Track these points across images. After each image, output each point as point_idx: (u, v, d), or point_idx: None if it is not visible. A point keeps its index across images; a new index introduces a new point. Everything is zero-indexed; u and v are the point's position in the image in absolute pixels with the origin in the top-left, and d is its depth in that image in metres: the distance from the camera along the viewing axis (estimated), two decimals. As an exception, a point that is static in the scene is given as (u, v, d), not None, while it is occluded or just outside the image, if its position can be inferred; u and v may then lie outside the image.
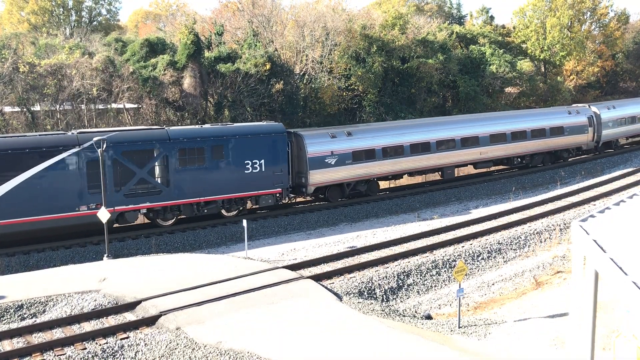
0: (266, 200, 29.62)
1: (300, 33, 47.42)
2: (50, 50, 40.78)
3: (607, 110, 46.20)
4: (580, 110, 44.36)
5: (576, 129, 43.23)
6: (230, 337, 15.31)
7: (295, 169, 31.17)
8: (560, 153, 43.31)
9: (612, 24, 71.50)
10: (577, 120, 43.50)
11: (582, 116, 43.91)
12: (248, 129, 29.65)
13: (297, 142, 31.04)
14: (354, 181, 32.84)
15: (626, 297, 8.64)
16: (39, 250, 25.22)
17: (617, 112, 47.25)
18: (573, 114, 43.50)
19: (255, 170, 28.98)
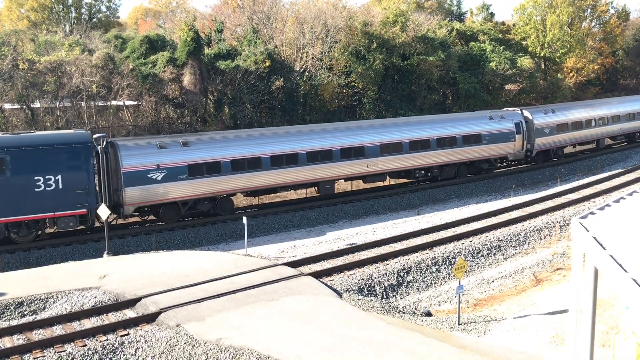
0: (66, 223, 25.02)
1: (300, 30, 47.37)
2: (50, 47, 40.75)
3: (542, 115, 41.11)
4: (507, 116, 39.34)
5: (499, 136, 37.91)
6: (230, 334, 15.33)
7: (112, 186, 26.77)
8: (479, 164, 38.10)
9: (612, 21, 71.44)
10: (501, 126, 38.27)
11: (508, 122, 38.77)
12: (39, 139, 25.08)
13: (114, 154, 26.53)
14: (193, 199, 28.24)
15: (626, 294, 8.65)
16: (39, 248, 25.23)
17: (556, 117, 41.89)
18: (496, 119, 38.39)
19: (49, 188, 24.46)
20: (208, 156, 28.13)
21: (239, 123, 42.80)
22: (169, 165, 27.08)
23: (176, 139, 28.64)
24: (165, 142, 27.79)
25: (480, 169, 38.49)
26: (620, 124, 48.02)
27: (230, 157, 28.63)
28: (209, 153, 28.25)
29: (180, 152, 27.57)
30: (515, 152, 39.41)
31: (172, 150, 27.46)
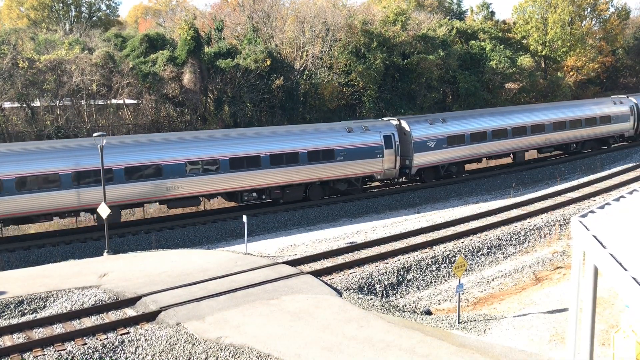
0: None
1: (300, 28, 47.36)
2: (50, 46, 40.74)
3: (426, 126, 35.17)
4: (373, 127, 33.53)
5: (360, 152, 32.34)
6: (230, 333, 15.34)
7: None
8: (334, 185, 32.66)
9: (613, 19, 71.40)
10: (364, 140, 32.49)
11: (374, 135, 32.95)
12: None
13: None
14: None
15: (625, 292, 8.66)
16: (39, 246, 25.25)
17: (447, 127, 36.00)
18: (357, 132, 32.58)
19: None
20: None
21: (239, 122, 42.81)
22: None
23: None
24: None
25: (337, 190, 32.88)
26: (546, 133, 41.62)
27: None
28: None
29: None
30: (384, 171, 33.45)
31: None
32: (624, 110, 47.56)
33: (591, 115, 44.94)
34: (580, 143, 45.29)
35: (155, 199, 27.61)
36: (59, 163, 25.00)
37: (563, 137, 43.31)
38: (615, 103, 47.11)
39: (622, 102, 47.43)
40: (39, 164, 24.71)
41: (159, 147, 27.53)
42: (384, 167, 33.50)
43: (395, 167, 33.97)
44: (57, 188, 24.94)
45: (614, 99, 48.44)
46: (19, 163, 24.39)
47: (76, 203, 25.40)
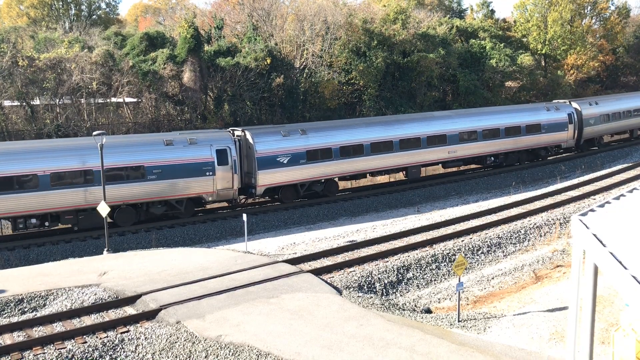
0: None
1: (300, 27, 47.33)
2: (50, 44, 40.70)
3: (273, 138, 30.20)
4: (202, 141, 28.45)
5: (188, 169, 27.67)
6: (230, 331, 15.34)
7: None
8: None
9: (613, 18, 71.36)
10: (191, 155, 27.86)
11: (203, 149, 28.19)
12: None
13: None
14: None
15: (625, 291, 8.65)
16: (39, 245, 25.25)
17: (296, 141, 30.70)
18: (179, 145, 27.85)
19: None
20: None
21: (238, 120, 42.79)
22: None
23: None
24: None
25: (153, 215, 28.18)
26: (450, 146, 36.43)
27: None
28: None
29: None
30: (218, 191, 28.48)
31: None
32: (560, 117, 42.04)
33: (514, 124, 39.17)
34: (500, 156, 39.47)
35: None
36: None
37: (474, 150, 37.53)
38: (548, 109, 41.73)
39: (558, 109, 42.20)
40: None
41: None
42: (216, 187, 28.33)
43: (233, 186, 28.77)
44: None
45: (549, 104, 43.13)
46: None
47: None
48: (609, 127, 47.47)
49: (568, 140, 43.24)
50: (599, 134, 46.88)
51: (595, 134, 46.24)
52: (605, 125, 46.59)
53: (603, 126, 46.45)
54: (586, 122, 44.18)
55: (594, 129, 45.48)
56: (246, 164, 30.02)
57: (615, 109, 47.53)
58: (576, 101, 45.23)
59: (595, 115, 45.15)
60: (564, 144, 43.34)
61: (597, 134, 46.42)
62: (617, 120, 47.99)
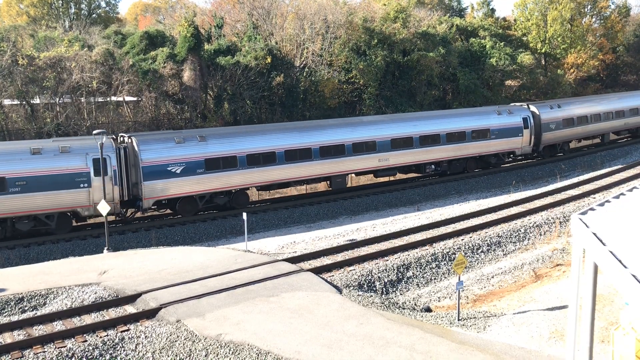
0: None
1: (300, 26, 47.31)
2: (50, 43, 40.71)
3: (164, 146, 27.71)
4: (76, 150, 25.93)
5: (58, 181, 25.16)
6: (230, 330, 15.36)
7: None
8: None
9: (613, 16, 71.36)
10: (62, 165, 25.33)
11: (77, 158, 25.75)
12: None
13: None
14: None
15: (625, 289, 8.66)
16: (39, 243, 25.26)
17: (192, 149, 28.17)
18: (48, 155, 25.24)
19: None
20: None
21: (238, 119, 42.80)
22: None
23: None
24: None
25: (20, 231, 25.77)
26: (381, 153, 33.39)
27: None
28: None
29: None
30: (95, 205, 25.62)
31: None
32: (513, 122, 38.99)
33: (457, 130, 36.34)
34: (442, 164, 36.63)
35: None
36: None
37: (409, 158, 34.68)
38: (499, 114, 38.67)
39: (511, 113, 39.17)
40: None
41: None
42: (93, 199, 25.62)
43: (114, 199, 26.24)
44: None
45: (501, 108, 40.20)
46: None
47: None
48: (574, 132, 44.17)
49: (523, 146, 39.99)
50: (562, 139, 43.50)
51: (558, 140, 43.01)
52: (569, 130, 43.39)
53: (567, 131, 43.23)
54: (545, 127, 41.19)
55: (555, 135, 42.22)
56: (133, 174, 27.39)
57: (582, 113, 44.58)
58: (535, 104, 42.49)
59: (557, 120, 41.97)
60: (519, 151, 40.00)
61: (559, 139, 43.09)
62: (584, 124, 44.77)
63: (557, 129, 42.13)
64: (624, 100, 50.12)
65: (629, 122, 49.87)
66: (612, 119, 47.92)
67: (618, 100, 49.42)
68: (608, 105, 47.80)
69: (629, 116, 49.58)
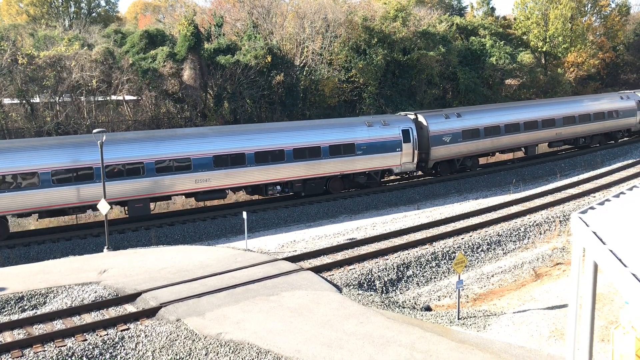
0: None
1: (300, 25, 47.29)
2: (49, 42, 40.69)
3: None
4: None
5: None
6: (230, 329, 15.36)
7: None
8: None
9: (613, 15, 71.33)
10: None
11: None
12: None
13: None
14: None
15: (625, 288, 8.65)
16: (39, 242, 25.26)
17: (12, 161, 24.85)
18: None
19: None
20: None
21: (238, 118, 42.80)
22: None
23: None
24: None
25: None
26: (203, 172, 28.37)
27: None
28: None
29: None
30: None
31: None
32: (389, 135, 33.58)
33: (309, 144, 31.11)
34: (294, 184, 31.35)
35: None
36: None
37: (239, 179, 29.44)
38: (370, 125, 33.10)
39: (386, 124, 33.62)
40: None
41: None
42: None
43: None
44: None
45: (375, 118, 34.49)
46: None
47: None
48: (479, 146, 38.00)
49: (404, 163, 34.29)
50: (463, 154, 37.35)
51: (455, 155, 36.97)
52: (472, 143, 37.32)
53: (468, 144, 37.23)
54: (436, 140, 35.64)
55: (450, 149, 36.36)
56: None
57: (492, 122, 38.49)
58: (425, 113, 36.72)
59: (453, 131, 36.26)
60: (397, 169, 34.32)
61: (458, 154, 37.06)
62: (495, 135, 38.66)
63: (453, 142, 36.34)
64: (556, 107, 43.50)
65: (562, 132, 42.97)
66: (539, 129, 41.27)
67: (547, 108, 42.77)
68: (532, 114, 41.28)
69: (562, 125, 42.84)
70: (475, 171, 39.00)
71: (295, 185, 31.42)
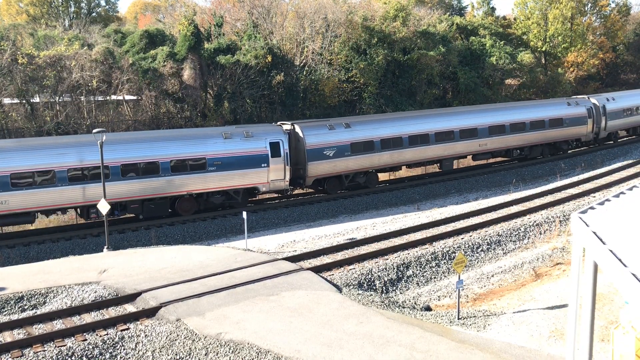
0: None
1: (300, 24, 47.28)
2: (49, 42, 40.68)
3: None
4: None
5: None
6: (230, 329, 15.36)
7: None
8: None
9: (613, 15, 71.33)
10: None
11: None
12: None
13: None
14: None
15: (625, 288, 8.65)
16: (39, 242, 25.27)
17: None
18: None
19: None
20: None
21: (238, 118, 42.79)
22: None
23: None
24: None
25: None
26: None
27: None
28: None
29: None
30: None
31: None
32: (255, 149, 29.48)
33: (153, 159, 27.24)
34: (134, 205, 27.63)
35: None
36: None
37: (69, 196, 25.70)
38: (227, 137, 29.19)
39: (250, 136, 29.63)
40: None
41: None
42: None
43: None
44: None
45: (238, 130, 30.23)
46: None
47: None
48: (373, 160, 33.62)
49: (273, 181, 30.17)
50: (351, 170, 32.97)
51: (342, 171, 32.63)
52: (363, 157, 33.09)
53: (358, 159, 32.95)
54: (316, 155, 31.38)
55: (334, 165, 32.11)
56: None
57: (388, 134, 33.87)
58: (301, 123, 32.28)
59: (339, 144, 32.07)
60: (265, 187, 30.16)
61: (345, 170, 32.68)
62: (396, 148, 34.08)
63: (338, 156, 32.05)
64: (480, 115, 38.45)
65: (488, 143, 38.13)
66: (455, 140, 36.48)
67: (467, 116, 37.80)
68: (447, 123, 36.46)
69: (488, 136, 37.94)
70: (475, 171, 38.92)
71: (130, 206, 27.31)
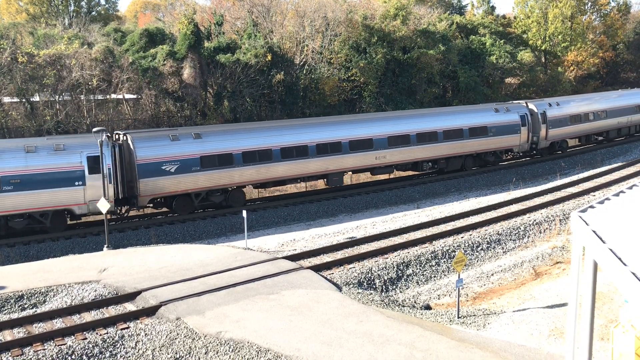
0: None
1: (300, 23, 47.27)
2: (49, 41, 40.66)
3: None
4: None
5: None
6: (230, 327, 15.36)
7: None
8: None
9: (613, 14, 71.31)
10: None
11: None
12: None
13: None
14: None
15: (625, 287, 8.66)
16: (39, 241, 25.26)
17: None
18: None
19: None
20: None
21: (238, 117, 42.77)
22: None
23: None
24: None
25: None
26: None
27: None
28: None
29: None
30: None
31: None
32: (62, 165, 25.10)
33: None
34: None
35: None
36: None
37: None
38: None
39: (61, 149, 25.25)
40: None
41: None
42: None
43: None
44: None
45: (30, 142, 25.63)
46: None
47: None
48: (234, 177, 28.97)
49: (90, 202, 25.40)
50: (202, 187, 28.24)
51: (190, 189, 27.92)
52: (218, 173, 28.45)
53: (211, 175, 28.30)
54: (151, 171, 26.78)
55: (177, 182, 27.46)
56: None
57: (253, 146, 29.35)
58: (133, 133, 27.91)
59: (183, 157, 27.48)
60: (80, 209, 25.64)
61: (194, 188, 27.98)
62: (264, 162, 29.56)
63: (182, 172, 27.53)
64: (376, 124, 34.00)
65: (387, 155, 33.64)
66: (343, 153, 32.07)
67: (360, 125, 33.51)
68: (333, 133, 32.17)
69: (387, 147, 33.60)
70: (475, 170, 38.88)
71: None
